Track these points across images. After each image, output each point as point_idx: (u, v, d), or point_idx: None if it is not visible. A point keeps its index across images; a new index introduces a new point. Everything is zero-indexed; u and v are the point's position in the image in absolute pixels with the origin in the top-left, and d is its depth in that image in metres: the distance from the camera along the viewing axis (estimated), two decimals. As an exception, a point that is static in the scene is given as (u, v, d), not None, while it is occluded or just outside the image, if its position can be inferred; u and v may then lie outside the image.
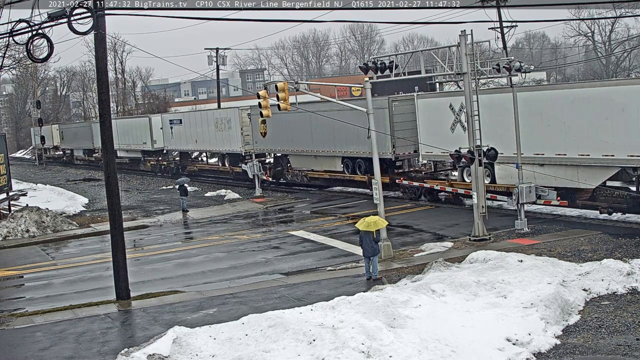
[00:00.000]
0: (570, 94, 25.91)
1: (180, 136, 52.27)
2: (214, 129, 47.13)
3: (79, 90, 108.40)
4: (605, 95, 24.46)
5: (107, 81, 21.09)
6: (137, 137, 59.13)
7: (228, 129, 45.72)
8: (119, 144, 60.07)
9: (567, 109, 25.58)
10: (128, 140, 60.60)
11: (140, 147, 59.36)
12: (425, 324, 14.37)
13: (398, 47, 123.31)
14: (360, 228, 20.48)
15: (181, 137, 52.20)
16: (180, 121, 52.14)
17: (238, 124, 44.43)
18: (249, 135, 43.74)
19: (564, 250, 21.29)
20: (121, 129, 59.30)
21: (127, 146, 61.17)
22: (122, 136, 59.80)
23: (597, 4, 57.01)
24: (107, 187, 20.74)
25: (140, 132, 58.19)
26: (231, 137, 45.58)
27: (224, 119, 46.03)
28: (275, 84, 23.97)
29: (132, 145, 60.44)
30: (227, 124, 45.58)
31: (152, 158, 58.87)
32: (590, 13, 78.87)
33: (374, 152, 23.81)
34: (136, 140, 59.34)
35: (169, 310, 18.59)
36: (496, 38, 44.55)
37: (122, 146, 60.71)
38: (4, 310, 20.63)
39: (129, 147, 61.22)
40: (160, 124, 55.18)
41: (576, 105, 25.29)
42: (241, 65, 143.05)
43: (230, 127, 45.45)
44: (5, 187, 36.63)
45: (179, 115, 54.46)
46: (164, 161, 57.73)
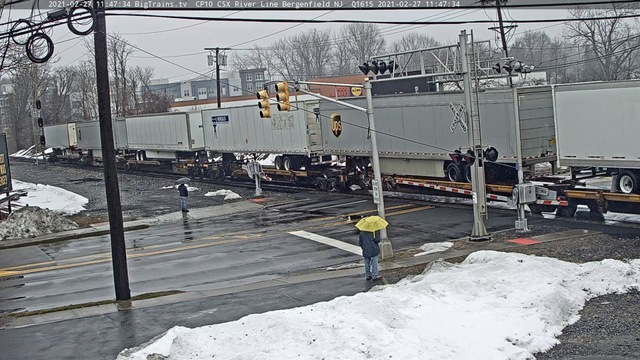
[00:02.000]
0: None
1: (226, 135, 46.35)
2: (270, 126, 40.89)
3: (79, 90, 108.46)
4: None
5: (107, 81, 21.09)
6: (170, 137, 53.13)
7: (289, 127, 39.92)
8: (148, 144, 57.32)
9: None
10: (159, 139, 54.96)
11: (174, 148, 53.26)
12: (425, 324, 14.37)
13: (398, 47, 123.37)
14: (361, 228, 20.48)
15: (227, 136, 46.33)
16: (227, 118, 46.07)
17: (303, 121, 38.57)
18: (315, 134, 38.67)
19: (564, 250, 21.29)
20: (151, 128, 55.58)
21: (158, 146, 55.66)
22: (151, 135, 55.60)
23: (597, 4, 57.01)
24: (107, 187, 20.74)
25: (175, 130, 52.24)
26: (293, 136, 39.79)
27: (284, 115, 38.91)
28: (275, 84, 23.99)
29: (165, 146, 54.50)
30: (289, 120, 39.71)
31: (188, 160, 52.92)
32: (590, 13, 78.90)
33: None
34: (169, 139, 53.34)
35: (169, 310, 18.58)
36: (496, 38, 44.58)
37: (152, 146, 56.43)
38: (4, 310, 20.63)
39: (160, 148, 55.49)
40: (199, 121, 49.21)
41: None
42: (241, 65, 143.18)
43: (292, 125, 39.59)
44: (5, 187, 36.64)
45: (225, 112, 47.75)
46: (204, 163, 51.60)
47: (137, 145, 59.70)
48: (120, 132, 59.91)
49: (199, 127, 49.08)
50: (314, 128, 38.76)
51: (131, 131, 59.71)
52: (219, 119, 47.20)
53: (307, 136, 38.78)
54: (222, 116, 46.94)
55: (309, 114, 37.83)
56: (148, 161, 59.51)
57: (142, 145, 58.65)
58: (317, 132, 38.62)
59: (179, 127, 51.57)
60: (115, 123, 62.12)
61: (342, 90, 67.72)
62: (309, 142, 38.81)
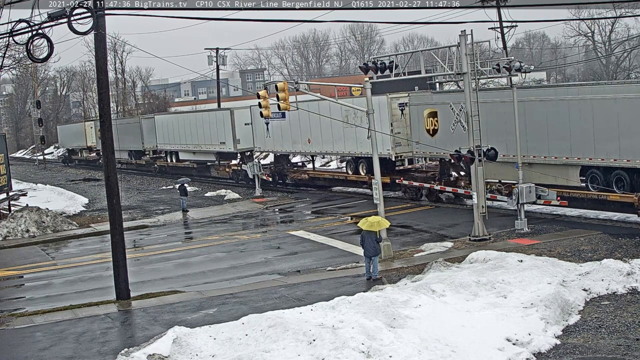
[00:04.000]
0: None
1: (282, 134, 40.73)
2: (340, 124, 34.62)
3: (79, 90, 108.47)
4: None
5: (107, 81, 21.09)
6: (210, 136, 47.52)
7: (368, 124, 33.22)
8: (182, 145, 52.02)
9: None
10: (196, 139, 49.38)
11: (215, 149, 47.69)
12: (425, 324, 14.37)
13: (398, 47, 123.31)
14: (363, 228, 20.48)
15: (283, 135, 40.70)
16: (284, 115, 39.45)
17: (386, 118, 33.33)
18: (400, 133, 33.49)
19: (564, 250, 21.29)
20: (186, 126, 50.24)
21: (194, 147, 50.06)
22: (186, 135, 50.44)
23: (597, 4, 57.00)
24: (107, 187, 20.74)
25: (216, 129, 46.66)
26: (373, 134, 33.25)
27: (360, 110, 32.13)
28: (275, 84, 24.00)
29: (202, 146, 48.91)
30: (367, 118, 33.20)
31: (231, 162, 47.74)
32: (590, 13, 78.86)
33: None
34: (209, 139, 47.70)
35: (169, 310, 18.58)
36: (496, 38, 44.59)
37: (186, 147, 50.91)
38: (4, 310, 20.63)
39: (196, 148, 49.97)
40: (247, 118, 43.34)
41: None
42: (241, 65, 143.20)
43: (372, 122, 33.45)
44: (5, 187, 36.65)
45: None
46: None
47: (168, 145, 54.46)
48: (147, 131, 56.49)
49: (246, 125, 43.42)
50: (398, 126, 33.50)
51: (161, 130, 54.89)
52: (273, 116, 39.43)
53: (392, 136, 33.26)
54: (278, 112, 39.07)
55: (393, 110, 33.23)
56: (181, 163, 53.74)
57: (175, 145, 53.43)
58: (403, 131, 33.58)
59: (221, 125, 45.76)
60: (142, 121, 58.69)
61: (342, 90, 67.71)
62: (393, 142, 33.27)
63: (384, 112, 33.07)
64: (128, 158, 62.81)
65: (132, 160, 62.59)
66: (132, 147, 60.77)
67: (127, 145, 60.39)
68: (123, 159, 62.31)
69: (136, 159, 61.91)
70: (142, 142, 58.57)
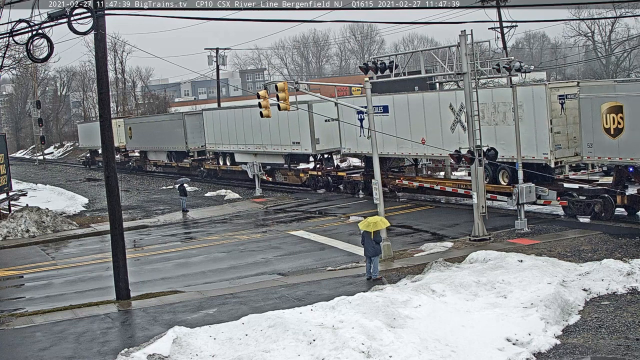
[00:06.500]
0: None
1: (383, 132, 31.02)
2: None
3: (79, 90, 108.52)
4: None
5: (107, 81, 21.09)
6: (279, 135, 41.15)
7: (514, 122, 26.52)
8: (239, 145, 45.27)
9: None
10: (259, 139, 42.97)
11: (285, 150, 41.28)
12: (425, 324, 14.37)
13: (398, 47, 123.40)
14: (363, 228, 20.48)
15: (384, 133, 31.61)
16: (385, 109, 33.72)
17: (543, 113, 26.82)
18: (560, 133, 26.82)
19: (564, 250, 21.29)
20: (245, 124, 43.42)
21: (256, 147, 43.63)
22: (244, 134, 44.20)
23: (597, 4, 57.01)
24: (107, 187, 20.74)
25: (287, 126, 39.97)
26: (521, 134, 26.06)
27: (501, 105, 28.12)
28: (275, 84, 23.99)
29: (268, 147, 42.49)
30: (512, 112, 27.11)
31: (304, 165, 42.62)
32: (590, 13, 78.93)
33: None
34: (277, 138, 41.45)
35: (169, 310, 18.58)
36: (496, 38, 44.68)
37: (246, 147, 44.54)
38: (4, 310, 20.63)
39: (259, 150, 43.54)
40: (329, 113, 35.13)
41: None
42: (241, 65, 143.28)
43: (520, 119, 26.62)
44: (5, 187, 36.65)
45: (384, 100, 33.93)
46: (334, 170, 39.37)
47: (220, 145, 47.55)
48: (192, 129, 50.92)
49: (326, 122, 35.52)
50: (558, 124, 26.88)
51: (211, 128, 48.35)
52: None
53: (550, 135, 26.64)
54: (377, 106, 31.83)
55: (553, 101, 26.91)
56: (238, 167, 46.24)
57: (229, 146, 46.47)
58: (563, 129, 26.98)
59: (294, 121, 38.40)
60: (185, 118, 52.54)
61: (342, 90, 67.72)
62: (552, 143, 26.69)
63: (539, 105, 26.83)
64: (167, 160, 56.36)
65: (172, 163, 55.67)
66: (172, 148, 54.33)
67: (165, 146, 54.97)
68: (160, 161, 57.77)
69: (177, 161, 55.10)
70: (185, 141, 51.91)
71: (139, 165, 62.23)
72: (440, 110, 30.85)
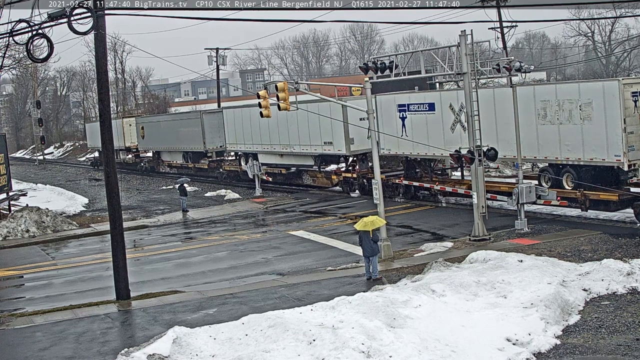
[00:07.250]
0: None
1: (429, 132, 31.09)
2: (533, 119, 26.46)
3: (79, 90, 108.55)
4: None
5: (107, 81, 21.09)
6: (309, 134, 38.35)
7: (580, 121, 24.96)
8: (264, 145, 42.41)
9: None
10: (286, 138, 40.25)
11: (316, 150, 38.40)
12: (425, 324, 14.37)
13: (398, 47, 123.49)
14: (358, 228, 20.46)
15: (430, 133, 30.98)
16: (431, 107, 31.05)
17: (616, 111, 24.00)
18: (633, 133, 24.09)
19: (564, 250, 21.29)
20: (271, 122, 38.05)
21: (282, 148, 40.89)
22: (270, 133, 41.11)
23: (597, 4, 57.02)
24: (107, 187, 20.75)
25: (318, 125, 36.86)
26: (588, 134, 24.82)
27: (566, 102, 25.47)
28: (275, 84, 23.98)
29: (296, 147, 39.68)
30: (578, 110, 24.99)
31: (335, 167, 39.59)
32: (590, 13, 78.99)
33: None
34: (306, 138, 38.64)
35: (169, 310, 18.58)
36: (496, 38, 44.71)
37: (271, 148, 41.64)
38: (4, 310, 20.63)
39: (285, 150, 40.79)
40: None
41: None
42: (241, 65, 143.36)
43: (587, 118, 24.76)
44: (5, 187, 36.66)
45: (426, 97, 31.68)
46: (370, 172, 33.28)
47: (242, 145, 44.85)
48: (210, 128, 48.50)
49: (361, 120, 30.74)
50: (631, 123, 24.09)
51: (232, 127, 45.67)
52: (412, 108, 32.03)
53: (623, 135, 23.88)
54: (422, 104, 30.87)
55: (626, 97, 23.86)
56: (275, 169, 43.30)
57: (252, 146, 43.71)
58: (637, 129, 24.21)
59: (326, 120, 34.35)
60: (203, 117, 49.59)
61: (342, 90, 67.74)
62: (625, 144, 23.96)
63: (611, 103, 24.05)
64: (183, 161, 53.65)
65: (189, 164, 52.72)
66: (189, 148, 51.54)
67: (181, 146, 52.39)
68: (175, 162, 55.36)
69: (194, 161, 52.13)
70: (203, 141, 49.09)
71: (151, 166, 59.68)
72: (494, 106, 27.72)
